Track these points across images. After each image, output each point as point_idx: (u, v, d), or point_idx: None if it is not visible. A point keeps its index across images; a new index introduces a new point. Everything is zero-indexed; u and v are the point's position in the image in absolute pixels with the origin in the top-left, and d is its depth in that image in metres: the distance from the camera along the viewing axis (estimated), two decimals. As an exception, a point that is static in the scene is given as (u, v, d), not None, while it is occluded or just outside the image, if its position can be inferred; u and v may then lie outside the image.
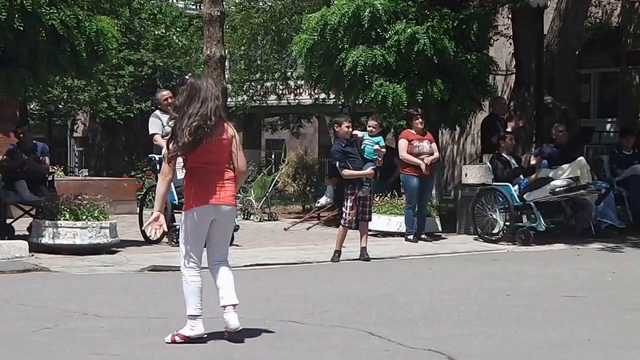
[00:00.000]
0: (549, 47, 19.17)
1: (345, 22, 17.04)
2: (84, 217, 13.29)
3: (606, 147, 20.69)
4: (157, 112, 15.25)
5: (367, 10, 16.89)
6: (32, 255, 12.71)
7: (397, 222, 16.31)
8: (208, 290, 7.45)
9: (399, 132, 17.33)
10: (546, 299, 9.64)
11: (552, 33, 19.42)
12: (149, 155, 15.82)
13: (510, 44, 21.44)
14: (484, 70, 18.37)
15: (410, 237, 15.61)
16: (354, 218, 13.04)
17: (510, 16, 20.74)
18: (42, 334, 7.59)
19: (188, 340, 7.19)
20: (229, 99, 27.03)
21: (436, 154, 16.15)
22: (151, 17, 35.56)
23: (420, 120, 15.85)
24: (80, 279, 11.16)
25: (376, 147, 13.87)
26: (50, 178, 15.31)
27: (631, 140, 18.00)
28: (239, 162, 7.45)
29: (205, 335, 7.25)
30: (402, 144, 15.84)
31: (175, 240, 14.46)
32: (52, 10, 13.51)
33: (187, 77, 7.62)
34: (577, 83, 21.71)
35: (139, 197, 17.21)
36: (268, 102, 33.59)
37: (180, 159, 7.34)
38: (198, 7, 34.79)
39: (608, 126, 24.43)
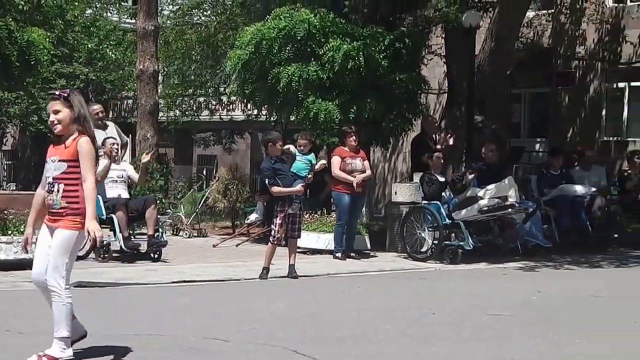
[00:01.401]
0: (481, 66, 19.33)
1: (281, 36, 17.03)
2: (10, 232, 13.10)
3: (535, 166, 20.93)
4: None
5: (303, 26, 16.91)
6: (-46, 271, 12.48)
7: (326, 240, 16.29)
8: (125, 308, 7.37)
9: (332, 149, 17.35)
10: (473, 318, 9.67)
11: (484, 53, 19.56)
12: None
13: (444, 63, 21.60)
14: (417, 88, 18.46)
15: (339, 254, 15.60)
16: (283, 235, 13.01)
17: (443, 35, 20.89)
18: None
19: None
20: (160, 114, 26.84)
21: (368, 172, 16.21)
22: (85, 29, 35.32)
23: (354, 137, 15.89)
24: (3, 295, 10.97)
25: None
26: (-25, 192, 15.10)
27: (560, 160, 18.22)
28: None
29: (73, 358, 6.95)
30: (335, 161, 15.85)
31: (102, 255, 14.35)
32: (-17, 21, 13.37)
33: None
34: (508, 102, 21.94)
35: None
36: (200, 117, 33.46)
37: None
38: (132, 18, 34.59)
39: (537, 146, 24.75)
